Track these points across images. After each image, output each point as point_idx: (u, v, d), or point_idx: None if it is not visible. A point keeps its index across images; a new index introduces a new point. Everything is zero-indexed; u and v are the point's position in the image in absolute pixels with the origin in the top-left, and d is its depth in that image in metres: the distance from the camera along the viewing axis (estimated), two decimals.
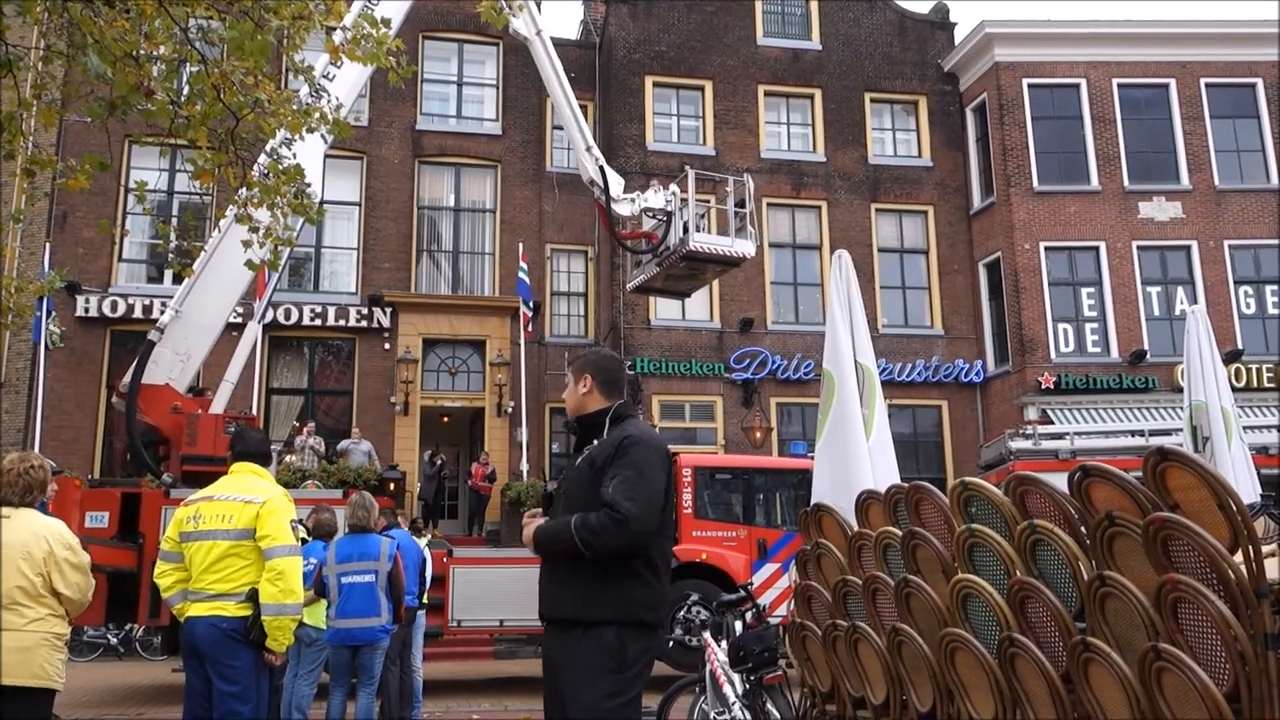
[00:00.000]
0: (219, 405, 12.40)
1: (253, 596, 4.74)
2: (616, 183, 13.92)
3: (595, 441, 3.55)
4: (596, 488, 3.39)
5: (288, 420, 19.97)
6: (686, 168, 14.86)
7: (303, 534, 8.44)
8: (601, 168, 13.78)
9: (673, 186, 14.00)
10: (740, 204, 14.64)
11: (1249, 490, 9.24)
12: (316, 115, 6.79)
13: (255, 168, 7.05)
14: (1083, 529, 4.06)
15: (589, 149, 13.92)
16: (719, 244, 14.08)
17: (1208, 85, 22.35)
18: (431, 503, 19.02)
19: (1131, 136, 22.10)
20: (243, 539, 4.79)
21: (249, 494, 4.90)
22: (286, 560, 4.76)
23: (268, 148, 7.20)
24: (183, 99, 5.93)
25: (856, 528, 5.82)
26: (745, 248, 14.27)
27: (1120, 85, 22.27)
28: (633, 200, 13.93)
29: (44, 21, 6.01)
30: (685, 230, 13.56)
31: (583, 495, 3.42)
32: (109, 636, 16.45)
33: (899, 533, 5.07)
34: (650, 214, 14.01)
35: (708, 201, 16.56)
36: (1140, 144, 22.10)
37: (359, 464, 17.14)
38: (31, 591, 4.13)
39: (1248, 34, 22.48)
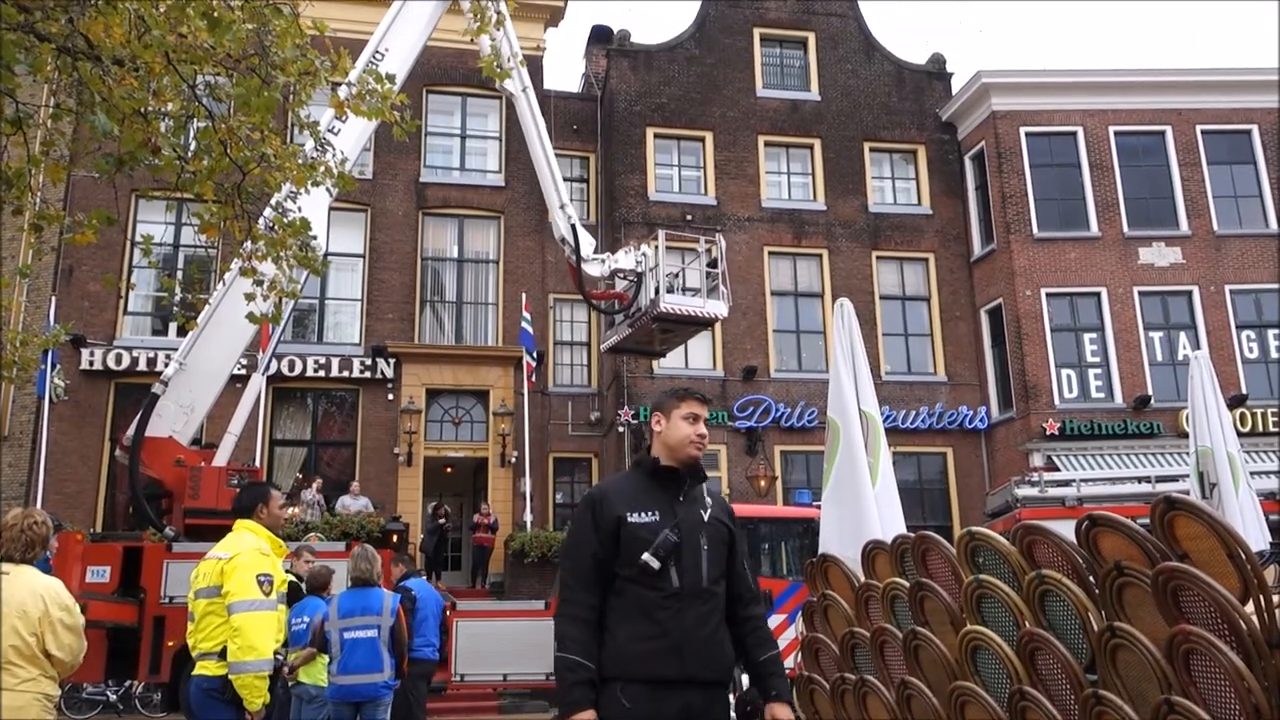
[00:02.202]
0: (222, 457, 12.38)
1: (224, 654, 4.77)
2: (588, 242, 13.93)
3: (707, 498, 3.49)
4: (731, 548, 3.45)
5: (291, 472, 19.92)
6: (659, 230, 14.83)
7: (285, 580, 8.38)
8: (573, 226, 13.81)
9: (644, 247, 13.97)
10: (712, 264, 14.57)
11: (1258, 537, 9.17)
12: (322, 169, 6.84)
13: (260, 221, 7.10)
14: (1091, 579, 4.02)
15: (562, 206, 13.98)
16: (690, 305, 13.91)
17: (1204, 132, 22.57)
18: (433, 555, 18.89)
19: (1130, 183, 22.26)
20: (214, 597, 4.84)
21: (222, 551, 4.94)
22: (244, 616, 4.75)
23: (273, 201, 7.25)
24: (189, 154, 5.99)
25: (863, 578, 5.76)
26: (717, 308, 14.10)
27: (1117, 133, 22.49)
28: (603, 261, 13.91)
29: (54, 80, 6.09)
30: (656, 292, 13.52)
31: (722, 555, 3.43)
32: (108, 693, 16.24)
33: (906, 584, 5.03)
34: (621, 275, 13.97)
35: (690, 254, 16.45)
36: (1138, 190, 22.26)
37: (355, 513, 17.16)
38: (25, 652, 4.09)
39: (1243, 81, 22.74)
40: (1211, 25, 78.45)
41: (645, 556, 3.24)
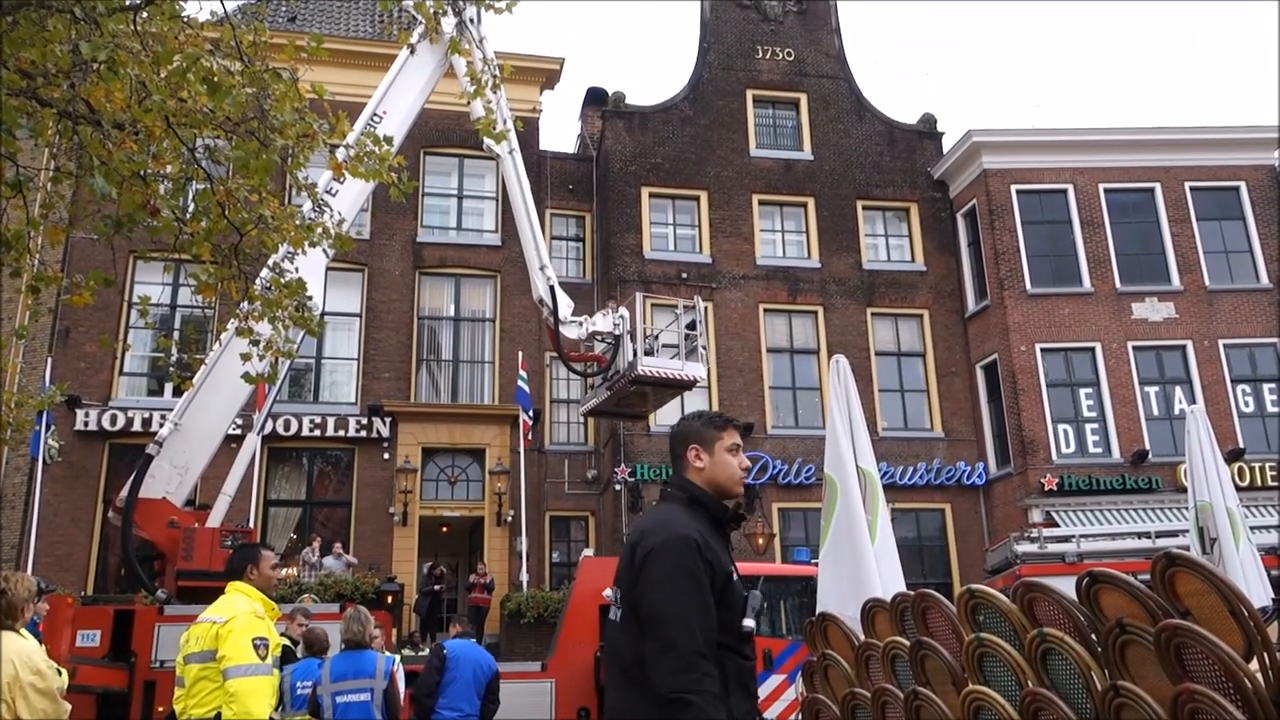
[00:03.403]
0: (216, 519, 12.28)
1: None
2: (566, 304, 13.91)
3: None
4: None
5: (285, 532, 19.77)
6: (636, 293, 14.85)
7: (282, 645, 8.24)
8: (552, 288, 13.80)
9: (622, 310, 13.99)
10: (691, 326, 14.55)
11: (1260, 593, 9.11)
12: (319, 230, 6.89)
13: (258, 281, 7.13)
14: (1093, 637, 3.98)
15: (542, 268, 13.98)
16: (668, 368, 13.78)
17: (1193, 189, 22.84)
18: (427, 616, 18.66)
19: (1121, 239, 22.47)
20: (207, 661, 4.75)
21: (216, 614, 4.86)
22: (240, 681, 4.66)
23: (270, 262, 7.30)
24: (188, 216, 6.03)
25: (863, 637, 5.70)
26: (696, 371, 14.01)
27: (1107, 190, 22.74)
28: (580, 323, 13.90)
29: (54, 144, 6.15)
30: (635, 354, 13.46)
31: None
32: None
33: (906, 643, 4.97)
34: (599, 337, 13.97)
35: (670, 315, 16.39)
36: (1130, 246, 22.46)
37: (340, 573, 17.07)
38: None
39: (1230, 139, 23.08)
40: (1197, 83, 79.83)
41: (748, 622, 2.89)
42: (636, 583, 2.82)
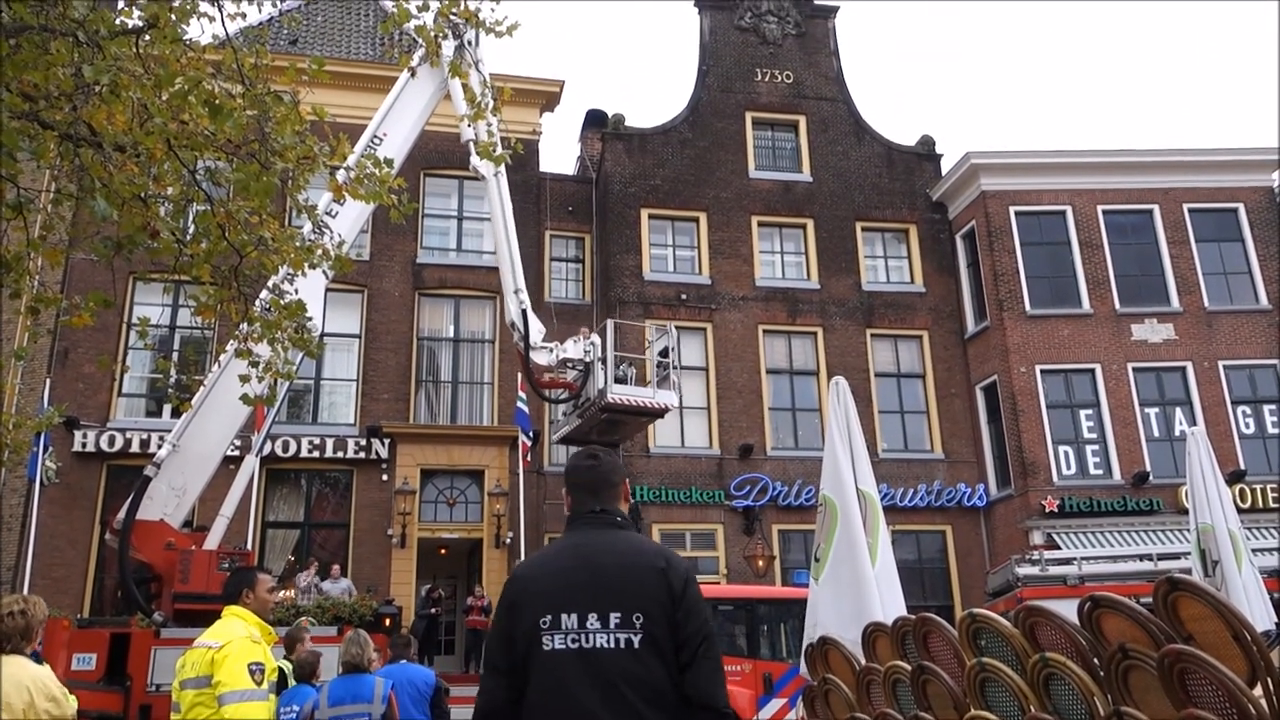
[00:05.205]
0: (213, 541, 12.24)
1: None
2: (537, 330, 13.84)
3: None
4: None
5: (283, 554, 19.68)
6: (608, 320, 14.81)
7: (275, 668, 8.16)
8: (524, 312, 13.78)
9: (593, 337, 13.93)
10: (664, 354, 14.47)
11: (1263, 617, 9.06)
12: (319, 252, 6.90)
13: (257, 303, 7.13)
14: (1096, 661, 3.95)
15: (517, 291, 13.96)
16: (639, 395, 13.74)
17: (1191, 211, 22.89)
18: (424, 638, 18.53)
19: (1120, 260, 22.50)
20: (203, 687, 4.72)
21: (212, 639, 4.83)
22: (236, 707, 4.63)
23: (270, 283, 7.29)
24: (188, 237, 6.04)
25: (864, 661, 5.67)
26: (667, 399, 13.95)
27: (1105, 211, 22.79)
28: (551, 350, 13.84)
29: (55, 165, 6.16)
30: (605, 382, 13.38)
31: None
32: None
33: (908, 667, 4.94)
34: (570, 364, 13.92)
35: (645, 346, 16.35)
36: (1129, 268, 22.49)
37: (336, 595, 16.96)
38: None
39: (1228, 161, 23.15)
40: (1195, 105, 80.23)
41: None
42: (678, 608, 2.90)
